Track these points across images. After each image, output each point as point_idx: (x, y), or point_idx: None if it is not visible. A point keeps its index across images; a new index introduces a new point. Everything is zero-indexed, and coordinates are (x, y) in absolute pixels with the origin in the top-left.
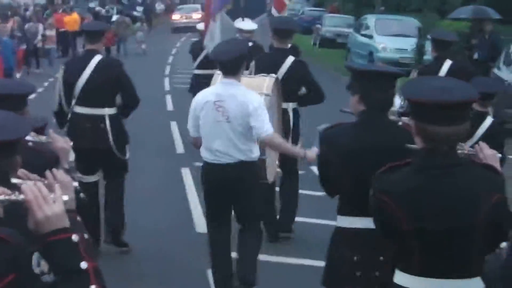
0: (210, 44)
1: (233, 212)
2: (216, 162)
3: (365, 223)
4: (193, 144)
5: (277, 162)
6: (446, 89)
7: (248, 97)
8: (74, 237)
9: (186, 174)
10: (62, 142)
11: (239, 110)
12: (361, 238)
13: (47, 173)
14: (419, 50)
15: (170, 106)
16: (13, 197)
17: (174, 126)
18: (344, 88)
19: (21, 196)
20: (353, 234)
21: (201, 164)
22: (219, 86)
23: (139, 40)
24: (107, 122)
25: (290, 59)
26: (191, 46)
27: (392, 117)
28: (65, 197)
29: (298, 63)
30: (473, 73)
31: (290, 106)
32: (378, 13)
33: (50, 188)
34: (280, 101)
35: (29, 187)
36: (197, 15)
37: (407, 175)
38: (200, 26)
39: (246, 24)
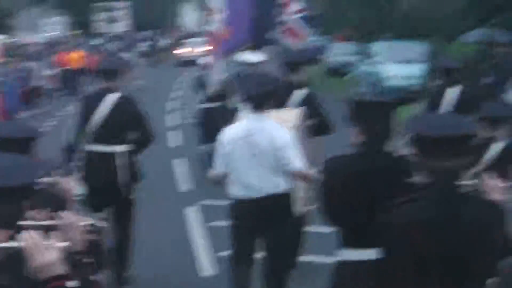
0: (216, 79)
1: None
2: (247, 197)
3: (368, 254)
4: (216, 180)
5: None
6: (446, 124)
7: (277, 131)
8: (70, 284)
9: (190, 214)
10: (67, 183)
11: (269, 144)
12: (365, 270)
13: (54, 215)
14: (429, 76)
15: (172, 142)
16: (9, 245)
17: (176, 163)
18: None
19: (19, 243)
20: (358, 266)
21: (211, 202)
22: (248, 121)
23: (135, 76)
24: (119, 159)
25: (302, 91)
26: (194, 81)
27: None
28: (62, 244)
29: (310, 95)
30: (482, 98)
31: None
32: (385, 39)
33: (55, 231)
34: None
35: (25, 235)
36: (200, 49)
37: (418, 208)
38: (202, 60)
39: (252, 56)
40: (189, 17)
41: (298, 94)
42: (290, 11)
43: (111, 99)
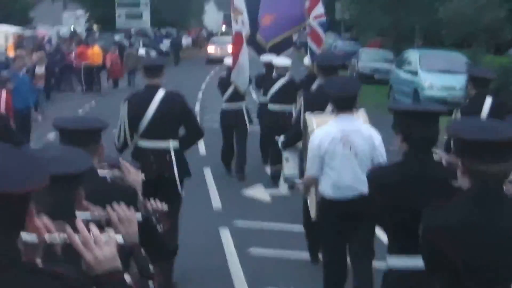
0: (238, 78)
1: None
2: (341, 198)
3: (415, 262)
4: (308, 184)
5: None
6: (491, 128)
7: (372, 132)
8: (126, 278)
9: (225, 233)
10: (134, 175)
11: (367, 144)
12: (413, 277)
13: (108, 209)
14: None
15: (202, 149)
16: (63, 239)
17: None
18: (386, 127)
19: (72, 237)
20: (405, 274)
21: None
22: (340, 122)
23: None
24: (172, 154)
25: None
26: (219, 80)
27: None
28: (119, 237)
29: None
30: None
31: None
32: (418, 47)
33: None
34: None
35: (83, 227)
36: (226, 48)
37: (456, 212)
38: (228, 60)
39: (282, 60)
40: (210, 16)
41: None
42: (313, 15)
43: (159, 95)
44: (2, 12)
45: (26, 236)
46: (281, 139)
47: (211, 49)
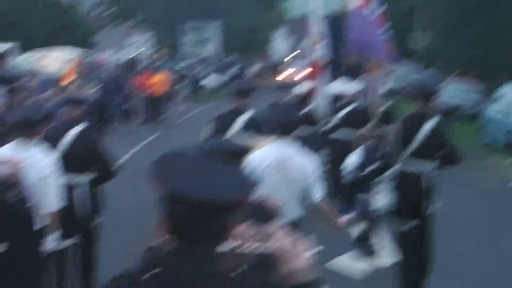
0: (315, 105)
1: None
2: None
3: None
4: None
5: None
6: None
7: (306, 159)
8: None
9: None
10: (272, 201)
11: (300, 172)
12: None
13: (268, 225)
14: None
15: None
16: (260, 250)
17: None
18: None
19: (269, 249)
20: None
21: None
22: (277, 147)
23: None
24: None
25: (431, 123)
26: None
27: None
28: (310, 252)
29: (439, 127)
30: None
31: (428, 167)
32: None
33: (270, 240)
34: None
35: (278, 241)
36: (298, 76)
37: None
38: (298, 89)
39: (348, 87)
40: (278, 44)
41: (428, 125)
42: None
43: (243, 117)
44: (63, 37)
45: (225, 245)
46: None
47: (282, 76)
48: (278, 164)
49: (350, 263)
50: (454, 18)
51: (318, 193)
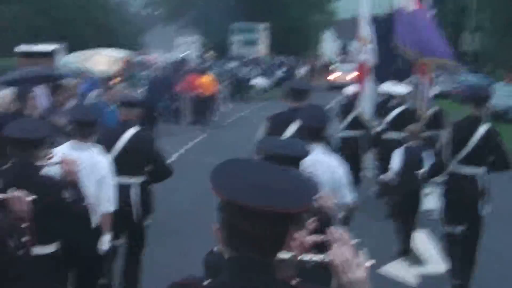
0: (363, 107)
1: None
2: None
3: None
4: None
5: None
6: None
7: (335, 163)
8: None
9: None
10: (330, 201)
11: (329, 173)
12: None
13: (328, 232)
14: None
15: None
16: (319, 258)
17: None
18: None
19: (328, 258)
20: None
21: None
22: None
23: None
24: None
25: (484, 127)
26: (338, 108)
27: None
28: (369, 263)
29: (492, 131)
30: None
31: (481, 171)
32: None
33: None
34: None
35: (337, 250)
36: (349, 77)
37: None
38: (348, 89)
39: (399, 88)
40: (328, 44)
41: (482, 129)
42: None
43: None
44: (111, 37)
45: (283, 254)
46: (422, 170)
47: (333, 76)
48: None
49: (403, 269)
50: (506, 19)
51: (348, 196)
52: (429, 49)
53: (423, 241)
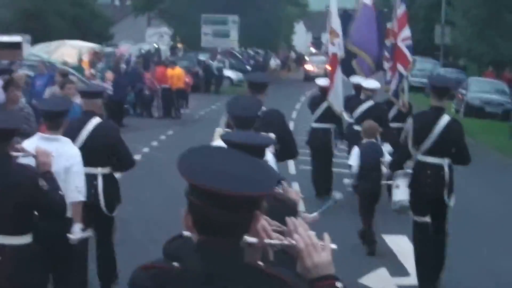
0: (334, 99)
1: None
2: None
3: None
4: None
5: None
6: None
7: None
8: (339, 284)
9: None
10: (293, 194)
11: None
12: None
13: (288, 220)
14: None
15: (292, 169)
16: (285, 242)
17: None
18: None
19: (293, 242)
20: None
21: None
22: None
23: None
24: None
25: (446, 118)
26: (310, 100)
27: None
28: (333, 246)
29: (455, 123)
30: None
31: (445, 162)
32: None
33: (290, 234)
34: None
35: (301, 235)
36: (319, 68)
37: None
38: (319, 81)
39: (370, 82)
40: (299, 37)
41: (442, 121)
42: (400, 37)
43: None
44: (80, 29)
45: (250, 238)
46: (386, 160)
47: (309, 67)
48: None
49: (383, 279)
50: (484, 12)
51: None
52: (360, 41)
53: (406, 250)
